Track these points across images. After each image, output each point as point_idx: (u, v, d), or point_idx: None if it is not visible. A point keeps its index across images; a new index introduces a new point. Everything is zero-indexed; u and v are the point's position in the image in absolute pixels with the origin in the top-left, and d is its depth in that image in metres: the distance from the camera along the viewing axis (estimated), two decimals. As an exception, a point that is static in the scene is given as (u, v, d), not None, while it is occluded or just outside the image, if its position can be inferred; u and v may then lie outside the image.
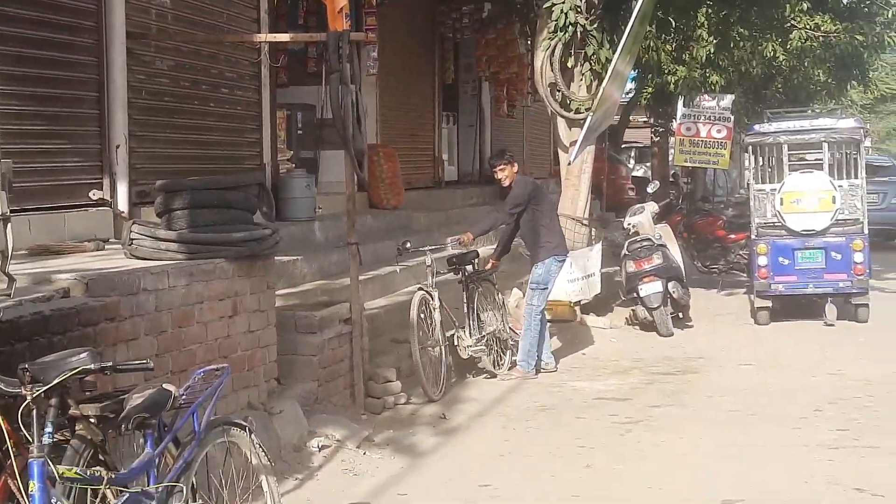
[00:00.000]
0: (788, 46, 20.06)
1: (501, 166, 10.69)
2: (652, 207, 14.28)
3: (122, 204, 8.81)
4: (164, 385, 4.78)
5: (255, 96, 11.51)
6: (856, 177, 13.79)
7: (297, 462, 7.40)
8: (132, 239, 7.08)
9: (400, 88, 16.37)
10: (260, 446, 5.27)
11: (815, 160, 14.37)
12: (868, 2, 19.15)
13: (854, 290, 13.39)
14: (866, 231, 13.60)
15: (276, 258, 8.21)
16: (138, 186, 9.01)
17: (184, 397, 4.88)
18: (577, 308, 12.90)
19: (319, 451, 7.66)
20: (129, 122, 9.01)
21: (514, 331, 12.04)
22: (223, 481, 5.14)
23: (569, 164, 13.46)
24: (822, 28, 19.02)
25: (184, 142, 10.15)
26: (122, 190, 8.84)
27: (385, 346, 9.80)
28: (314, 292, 9.66)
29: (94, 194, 8.59)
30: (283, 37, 10.81)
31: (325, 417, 8.14)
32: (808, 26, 19.44)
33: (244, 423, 5.20)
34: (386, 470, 7.53)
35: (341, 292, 9.40)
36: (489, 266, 11.14)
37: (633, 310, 13.17)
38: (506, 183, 10.73)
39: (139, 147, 9.22)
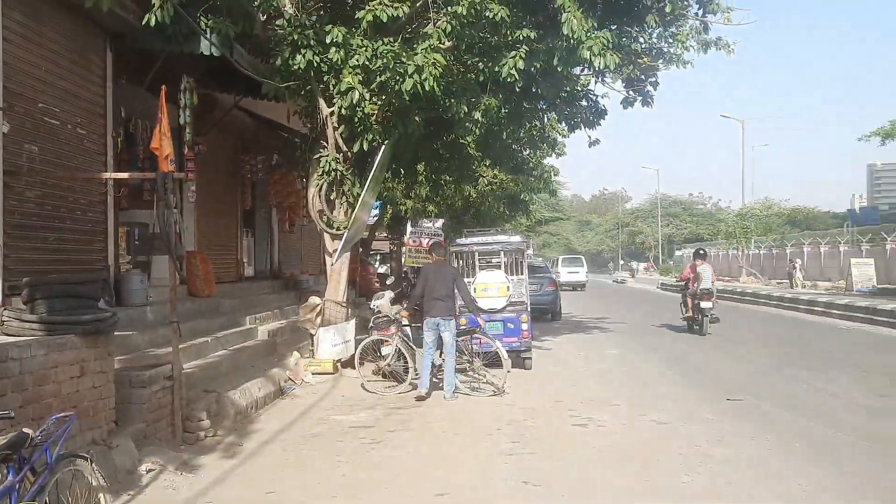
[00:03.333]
0: (478, 188, 21.06)
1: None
2: (389, 294, 14.42)
3: (-4, 295, 8.16)
4: (23, 429, 4.47)
5: (103, 217, 10.96)
6: (521, 273, 14.34)
7: (129, 483, 7.01)
8: (3, 321, 6.60)
9: (212, 211, 15.99)
10: (99, 472, 4.98)
11: (496, 262, 14.92)
12: (526, 161, 20.33)
13: (522, 349, 13.75)
14: (529, 309, 14.03)
15: (115, 333, 7.81)
16: (10, 282, 8.36)
17: (39, 437, 4.59)
18: (338, 364, 12.82)
19: (147, 473, 7.28)
20: (4, 235, 8.39)
21: (292, 380, 11.87)
22: (69, 499, 4.81)
23: (331, 265, 13.49)
24: (498, 177, 20.09)
25: (47, 250, 9.51)
26: (-3, 284, 8.20)
27: (198, 394, 9.43)
28: (145, 357, 9.21)
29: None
30: (124, 175, 10.39)
31: (152, 449, 7.75)
32: (489, 176, 20.49)
33: (86, 455, 4.92)
34: (198, 485, 7.22)
35: (165, 357, 9.02)
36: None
37: (378, 364, 13.18)
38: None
39: (11, 254, 8.58)
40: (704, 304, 18.26)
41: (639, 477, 7.27)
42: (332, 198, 13.41)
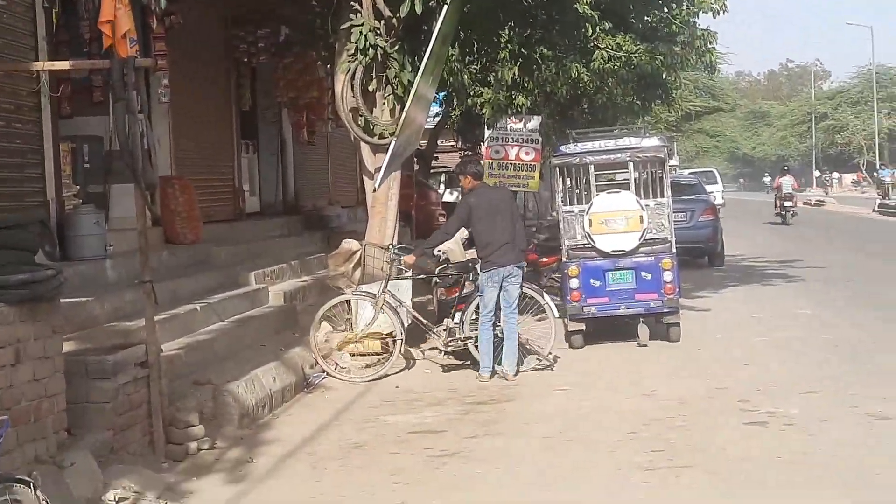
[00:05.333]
0: (592, 67, 20.75)
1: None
2: (462, 233, 14.40)
3: None
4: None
5: (36, 129, 11.17)
6: (662, 196, 14.19)
7: (91, 518, 7.21)
8: None
9: (194, 116, 16.16)
10: (47, 502, 5.12)
11: (622, 179, 14.77)
12: (667, 22, 19.92)
13: (665, 310, 13.72)
14: (674, 250, 13.97)
15: (62, 300, 7.99)
16: None
17: (-42, 454, 4.71)
18: (389, 340, 12.92)
19: (117, 503, 7.47)
20: None
21: (322, 366, 12.06)
22: (6, 543, 4.98)
23: (374, 190, 13.53)
24: (623, 48, 19.75)
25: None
26: None
27: (186, 388, 9.63)
28: (107, 335, 9.42)
29: None
30: (63, 64, 10.51)
31: (123, 468, 7.94)
32: (610, 46, 20.16)
33: (28, 479, 5.05)
34: (189, 520, 7.41)
35: (137, 333, 9.21)
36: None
37: (448, 340, 13.26)
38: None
39: None
40: (787, 203, 38.67)
41: None
42: (370, 89, 13.38)
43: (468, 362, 12.57)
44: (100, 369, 8.20)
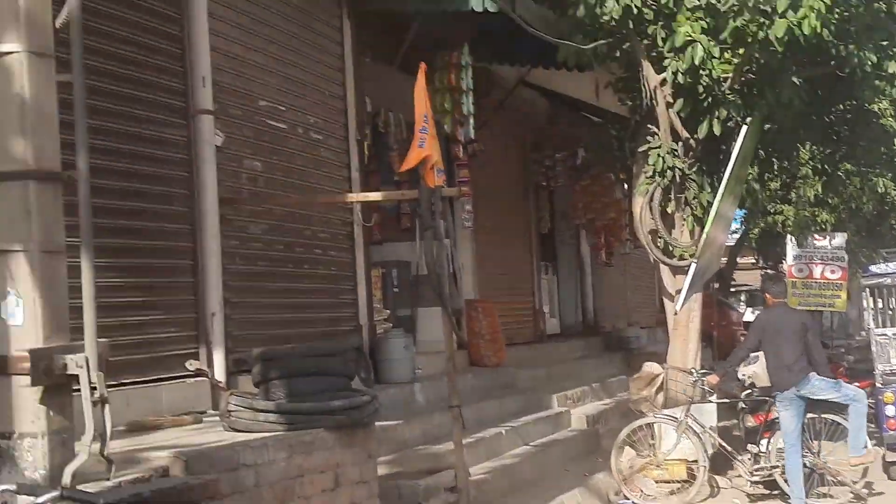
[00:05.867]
0: (901, 179, 19.94)
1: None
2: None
3: (219, 373, 8.88)
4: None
5: (349, 256, 11.67)
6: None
7: None
8: (230, 411, 7.14)
9: (496, 240, 16.50)
10: None
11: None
12: None
13: None
14: None
15: (376, 424, 8.19)
16: (235, 354, 9.11)
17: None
18: (694, 467, 12.56)
19: None
20: (224, 288, 9.14)
21: (625, 492, 11.83)
22: None
23: (675, 313, 13.33)
24: (936, 158, 18.90)
25: (279, 306, 10.29)
26: (219, 359, 8.92)
27: (493, 514, 9.65)
28: (417, 458, 9.59)
29: (191, 364, 8.68)
30: (375, 195, 10.97)
31: None
32: (919, 157, 19.33)
33: None
34: None
35: (445, 457, 9.32)
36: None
37: (754, 468, 12.77)
38: None
39: (234, 314, 9.35)
40: None
41: None
42: (669, 210, 13.28)
43: (776, 492, 12.03)
44: (412, 494, 8.33)
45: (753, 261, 29.31)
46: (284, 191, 10.61)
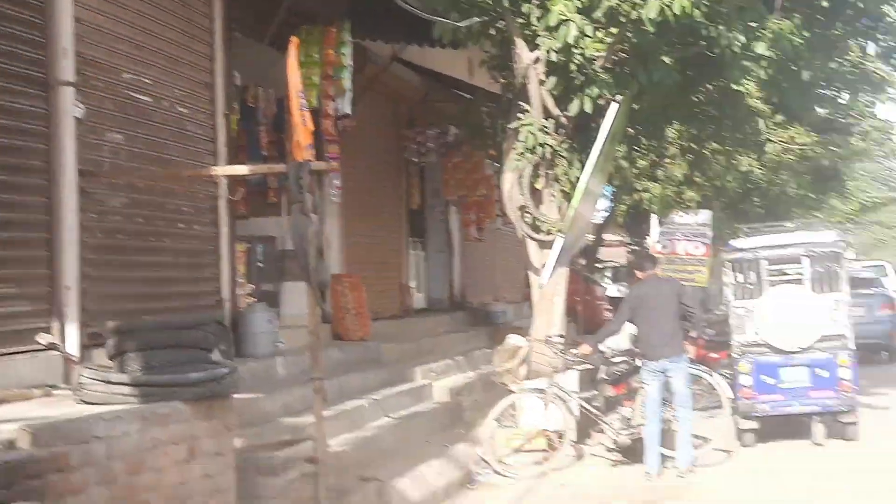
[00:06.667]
0: (764, 160, 20.51)
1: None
2: (630, 328, 14.25)
3: (74, 348, 8.78)
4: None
5: (213, 230, 11.61)
6: (838, 290, 13.86)
7: None
8: (82, 384, 7.08)
9: (365, 215, 16.55)
10: None
11: (796, 275, 14.46)
12: (842, 114, 19.58)
13: (842, 408, 13.33)
14: (852, 346, 13.59)
15: (235, 397, 8.19)
16: (91, 328, 9.00)
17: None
18: (556, 437, 12.83)
19: None
20: (82, 262, 9.02)
21: (487, 462, 12.03)
22: None
23: (540, 286, 13.56)
24: (797, 141, 19.49)
25: (140, 280, 10.19)
26: (73, 333, 8.81)
27: (352, 484, 9.71)
28: (276, 431, 9.62)
29: (43, 338, 8.56)
30: (241, 169, 10.92)
31: (290, 564, 8.06)
32: (782, 139, 19.90)
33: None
34: None
35: (305, 429, 9.37)
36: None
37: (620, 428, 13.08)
38: None
39: (92, 288, 9.22)
40: None
41: None
42: (538, 186, 13.50)
43: (635, 462, 12.36)
44: (269, 466, 8.36)
45: (620, 238, 29.88)
46: (147, 164, 10.47)
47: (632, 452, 12.51)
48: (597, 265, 28.09)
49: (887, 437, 13.70)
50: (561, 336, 13.31)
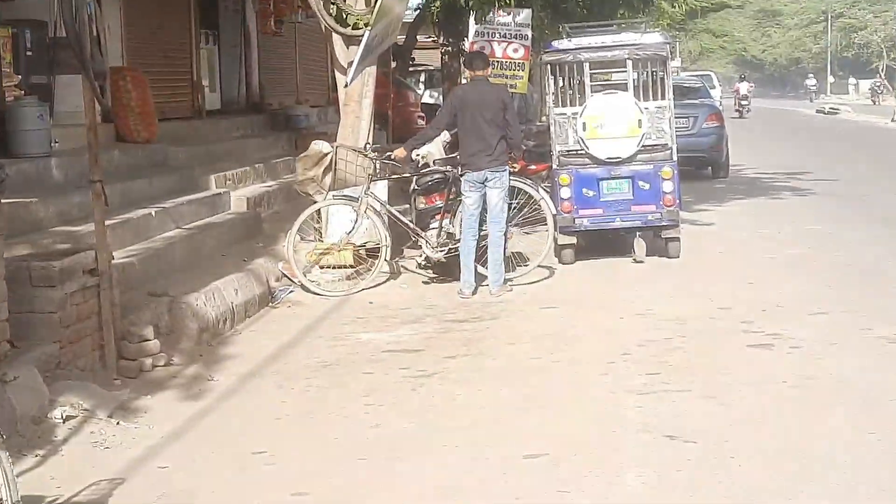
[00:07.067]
0: (592, -49, 20.49)
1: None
2: (443, 136, 14.30)
3: None
4: None
5: (-27, 12, 11.04)
6: (663, 98, 14.00)
7: (36, 436, 7.26)
8: None
9: (150, 1, 15.96)
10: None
11: (620, 79, 14.62)
12: None
13: (664, 223, 13.65)
14: (675, 158, 13.85)
15: (3, 200, 7.94)
16: None
17: None
18: (362, 251, 12.92)
19: (64, 422, 7.51)
20: None
21: (289, 278, 12.08)
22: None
23: (345, 87, 13.43)
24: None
25: None
26: None
27: (140, 300, 9.64)
28: (52, 240, 9.41)
29: None
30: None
31: (71, 384, 7.98)
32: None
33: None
34: (143, 441, 7.44)
35: (86, 238, 9.20)
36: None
37: (424, 252, 13.24)
38: None
39: None
40: (743, 102, 55.31)
41: (866, 438, 7.25)
42: (345, -28, 13.25)
43: (450, 280, 12.57)
44: (45, 276, 8.17)
45: (434, 37, 29.70)
46: None
47: (447, 270, 12.71)
48: (409, 68, 27.98)
49: (710, 254, 14.30)
50: (374, 145, 13.26)
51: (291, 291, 11.99)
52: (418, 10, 25.05)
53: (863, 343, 9.50)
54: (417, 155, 13.71)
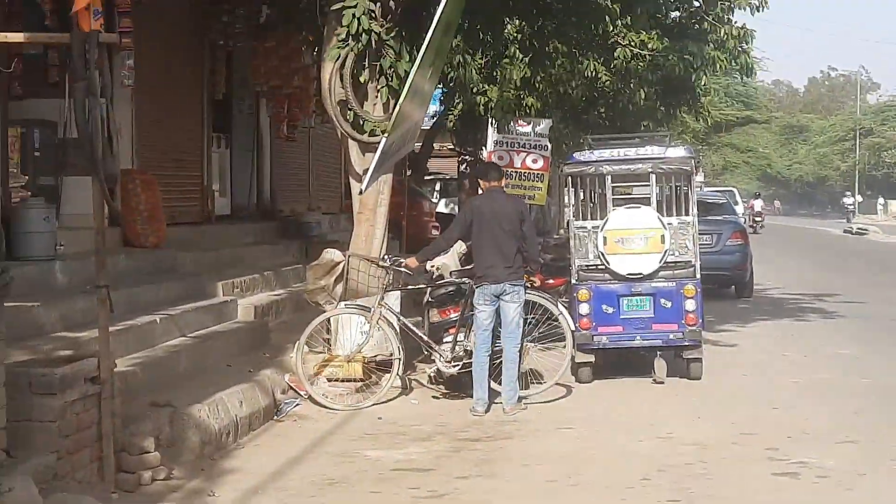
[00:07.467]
0: (611, 65, 20.75)
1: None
2: (459, 248, 14.36)
3: None
4: None
5: (-18, 110, 11.20)
6: (686, 213, 14.11)
7: (30, 551, 7.20)
8: None
9: (162, 103, 16.17)
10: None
11: (642, 193, 14.70)
12: (698, 18, 19.92)
13: (686, 343, 13.64)
14: (699, 276, 13.87)
15: (5, 304, 7.97)
16: None
17: None
18: (372, 364, 12.91)
19: (59, 537, 7.47)
20: None
21: (295, 391, 12.06)
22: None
23: (359, 195, 13.51)
24: (648, 46, 19.76)
25: None
26: None
27: (142, 410, 9.61)
28: (55, 345, 9.42)
29: None
30: (17, 37, 10.47)
31: (67, 497, 7.91)
32: (632, 43, 20.16)
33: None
34: (140, 560, 7.40)
35: (89, 345, 9.20)
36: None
37: (437, 367, 13.22)
38: None
39: None
40: (757, 218, 59.47)
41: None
42: (362, 80, 13.40)
43: (463, 396, 12.55)
44: (45, 384, 8.16)
45: (451, 147, 29.97)
46: None
47: (460, 385, 12.68)
48: (425, 177, 28.19)
49: (733, 376, 14.25)
50: (392, 256, 13.31)
51: (298, 404, 11.95)
52: (435, 118, 25.33)
53: (893, 473, 9.44)
54: (432, 266, 13.77)
